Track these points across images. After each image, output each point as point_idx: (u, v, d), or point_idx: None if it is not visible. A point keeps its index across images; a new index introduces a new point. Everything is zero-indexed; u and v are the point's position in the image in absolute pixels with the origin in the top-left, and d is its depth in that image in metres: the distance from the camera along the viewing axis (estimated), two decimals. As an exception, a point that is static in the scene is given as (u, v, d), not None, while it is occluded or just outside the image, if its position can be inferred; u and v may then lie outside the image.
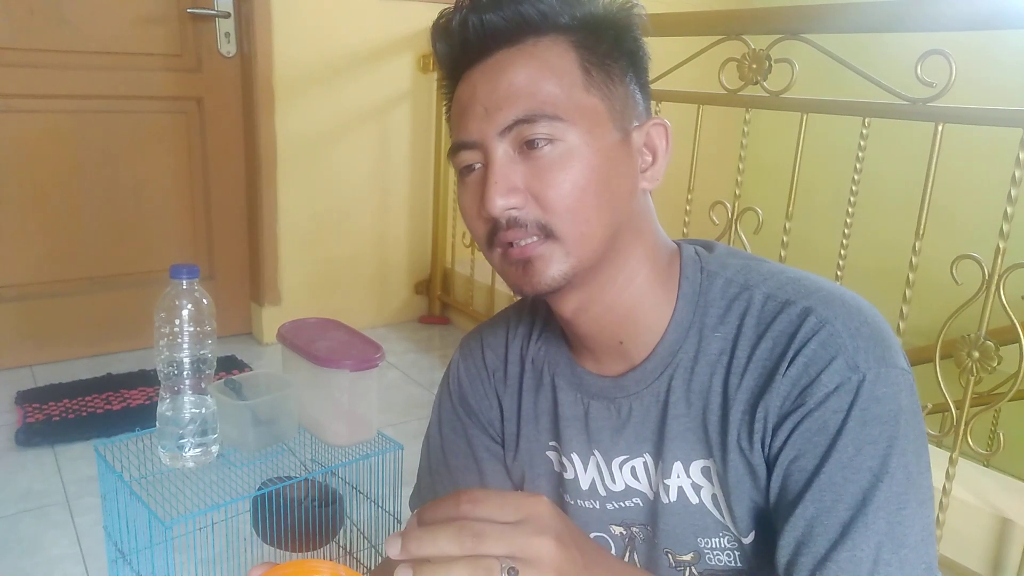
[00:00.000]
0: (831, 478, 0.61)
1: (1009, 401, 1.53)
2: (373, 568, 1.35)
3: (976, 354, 1.47)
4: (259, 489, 1.19)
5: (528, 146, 0.64)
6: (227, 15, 2.62)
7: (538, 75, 0.64)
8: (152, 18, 2.52)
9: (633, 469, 0.75)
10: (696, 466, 0.71)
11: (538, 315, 0.83)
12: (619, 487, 0.76)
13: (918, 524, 0.60)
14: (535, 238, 0.65)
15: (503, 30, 0.65)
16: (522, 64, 0.65)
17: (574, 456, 0.78)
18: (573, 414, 0.77)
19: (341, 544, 1.36)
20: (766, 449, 0.66)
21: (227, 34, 2.65)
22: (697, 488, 0.71)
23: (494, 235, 0.67)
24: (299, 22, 2.65)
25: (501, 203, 0.64)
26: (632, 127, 0.68)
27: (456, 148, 0.68)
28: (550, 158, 0.64)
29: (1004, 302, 1.45)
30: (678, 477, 0.71)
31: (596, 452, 0.76)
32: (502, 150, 0.65)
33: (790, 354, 0.64)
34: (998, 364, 1.46)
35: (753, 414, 0.66)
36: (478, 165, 0.67)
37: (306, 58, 2.70)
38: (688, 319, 0.71)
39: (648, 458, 0.74)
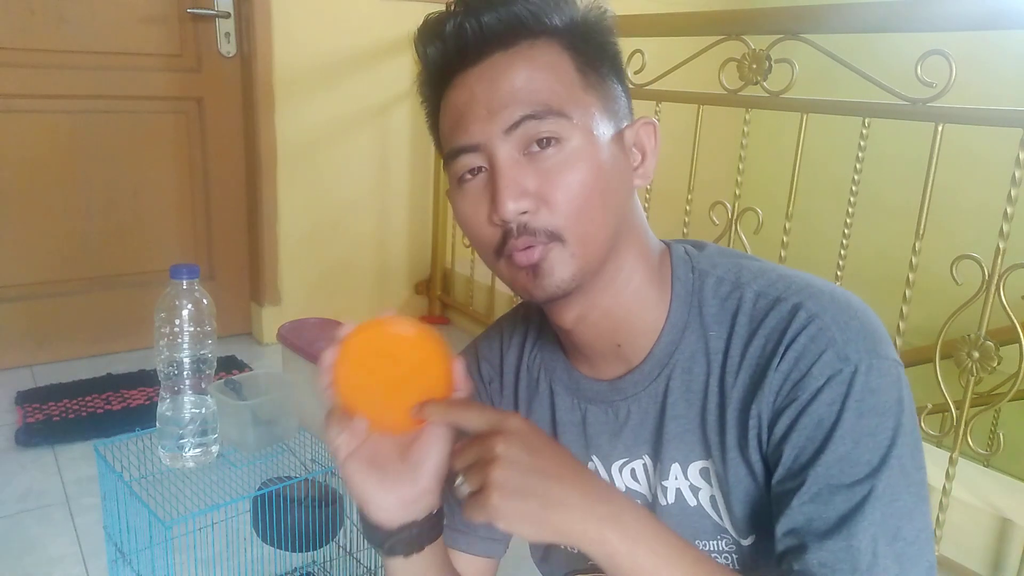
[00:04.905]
0: (828, 471, 0.61)
1: (1009, 401, 1.53)
2: (373, 568, 1.35)
3: (976, 354, 1.47)
4: (259, 489, 1.19)
5: (536, 146, 0.63)
6: (227, 15, 2.62)
7: (539, 75, 0.64)
8: (152, 18, 2.52)
9: (633, 471, 0.75)
10: (695, 467, 0.71)
11: (532, 323, 0.82)
12: (619, 490, 0.76)
13: (914, 519, 0.60)
14: (542, 244, 0.64)
15: (499, 32, 0.65)
16: (521, 64, 0.65)
17: None
18: (570, 420, 0.77)
19: (341, 544, 1.36)
20: (763, 446, 0.66)
21: (227, 34, 2.65)
22: (695, 490, 0.71)
23: (503, 244, 0.65)
24: (299, 22, 2.65)
25: (513, 206, 0.63)
26: (623, 126, 0.69)
27: (455, 153, 0.66)
28: (556, 159, 0.63)
29: (1004, 302, 1.45)
30: (676, 479, 0.71)
31: (594, 457, 0.76)
32: (506, 151, 0.64)
33: (780, 349, 0.64)
34: (998, 364, 1.46)
35: (748, 412, 0.66)
36: (482, 168, 0.65)
37: (306, 58, 2.69)
38: (683, 319, 0.71)
39: (647, 459, 0.74)
